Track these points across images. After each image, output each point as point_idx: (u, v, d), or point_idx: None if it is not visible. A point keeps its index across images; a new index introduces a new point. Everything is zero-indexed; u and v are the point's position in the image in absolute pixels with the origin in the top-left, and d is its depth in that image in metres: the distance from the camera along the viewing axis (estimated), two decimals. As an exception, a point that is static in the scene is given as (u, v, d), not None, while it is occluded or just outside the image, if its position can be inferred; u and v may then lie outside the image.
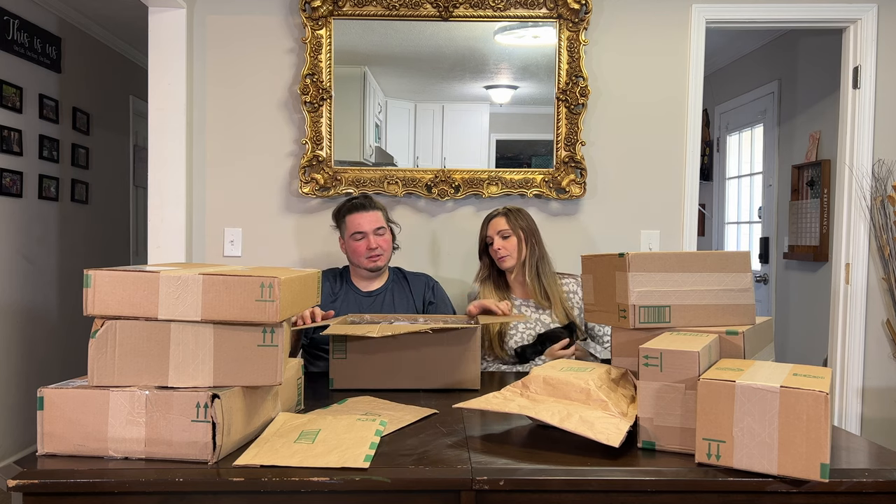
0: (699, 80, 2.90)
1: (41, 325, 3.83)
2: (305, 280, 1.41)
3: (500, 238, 2.40)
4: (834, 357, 2.97)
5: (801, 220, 3.85)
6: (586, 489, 1.20)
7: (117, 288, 1.22)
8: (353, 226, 2.35)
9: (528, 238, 2.40)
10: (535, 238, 2.42)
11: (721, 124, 4.93)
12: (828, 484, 1.15)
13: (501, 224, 2.40)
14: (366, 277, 2.42)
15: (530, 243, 2.40)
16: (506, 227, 2.39)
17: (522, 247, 2.39)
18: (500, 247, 2.38)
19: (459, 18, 2.82)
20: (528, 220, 2.44)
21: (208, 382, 1.23)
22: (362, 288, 2.42)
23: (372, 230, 2.34)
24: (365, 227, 2.34)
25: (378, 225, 2.35)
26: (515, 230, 2.39)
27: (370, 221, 2.34)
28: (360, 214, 2.35)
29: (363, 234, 2.33)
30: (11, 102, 3.53)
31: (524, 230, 2.40)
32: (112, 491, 1.16)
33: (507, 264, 2.39)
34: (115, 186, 4.73)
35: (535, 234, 2.43)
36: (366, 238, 2.33)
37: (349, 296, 2.39)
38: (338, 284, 2.41)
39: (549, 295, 2.36)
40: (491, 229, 2.42)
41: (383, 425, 1.37)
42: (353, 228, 2.35)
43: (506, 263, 2.39)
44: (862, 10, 2.86)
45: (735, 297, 1.49)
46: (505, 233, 2.39)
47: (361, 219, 2.34)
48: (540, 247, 2.42)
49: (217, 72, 2.88)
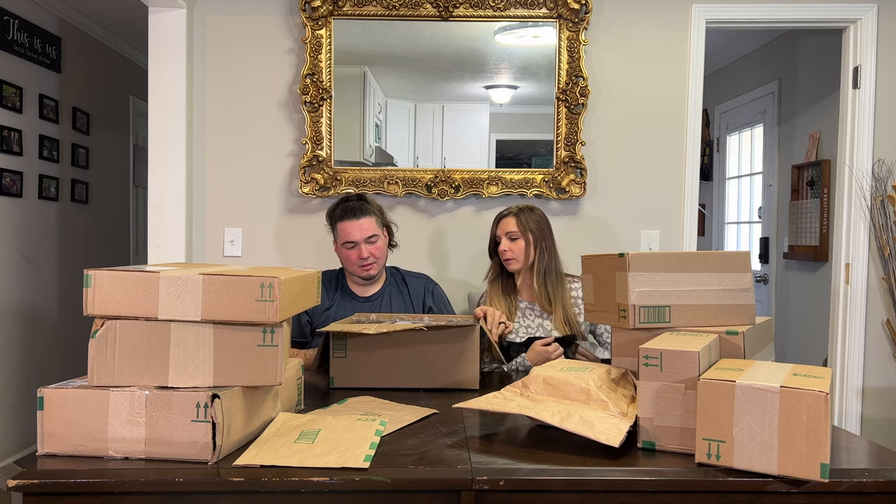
0: (699, 80, 2.90)
1: (41, 325, 3.83)
2: (305, 280, 1.41)
3: (507, 239, 2.32)
4: (834, 357, 2.97)
5: (801, 220, 3.85)
6: (586, 489, 1.20)
7: (117, 288, 1.22)
8: (344, 234, 2.26)
9: (537, 242, 2.31)
10: (546, 242, 2.33)
11: (721, 124, 4.93)
12: (828, 484, 1.15)
13: (511, 225, 2.32)
14: (361, 283, 2.35)
15: (539, 247, 2.31)
16: (515, 229, 2.31)
17: (530, 250, 2.30)
18: (507, 249, 2.31)
19: (459, 18, 2.82)
20: (539, 221, 2.34)
21: (208, 382, 1.23)
22: (359, 293, 2.35)
23: (363, 239, 2.24)
24: (355, 237, 2.24)
25: (370, 233, 2.25)
26: (525, 233, 2.30)
27: (361, 230, 2.24)
28: (351, 223, 2.24)
29: (354, 243, 2.25)
30: (11, 102, 3.53)
31: (534, 233, 2.31)
32: (112, 491, 1.16)
33: (513, 267, 2.33)
34: (115, 186, 4.73)
35: (546, 238, 2.33)
36: (357, 248, 2.24)
37: (345, 302, 2.33)
38: (333, 290, 2.35)
39: (552, 301, 2.29)
40: (500, 229, 2.35)
41: (383, 425, 1.37)
42: (344, 237, 2.26)
43: (512, 266, 2.32)
44: (862, 10, 2.86)
45: (735, 297, 1.49)
46: (513, 234, 2.31)
47: (352, 227, 2.24)
48: (550, 251, 2.33)
49: (217, 72, 2.88)
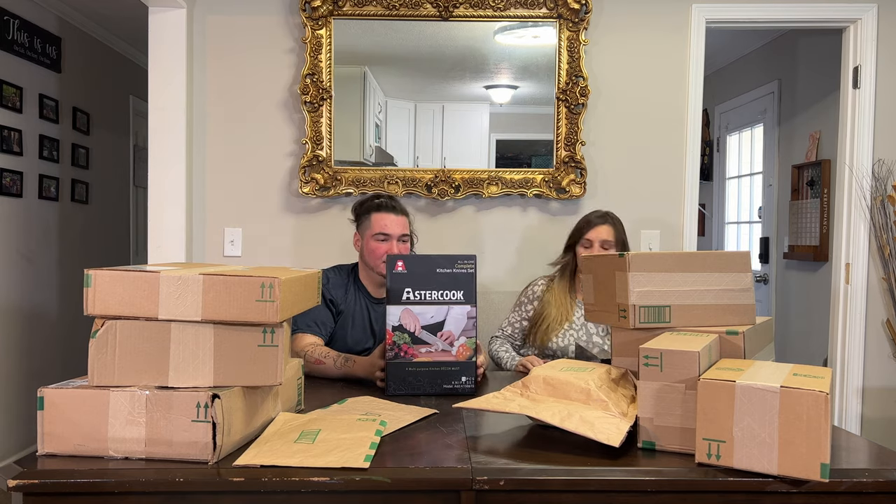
0: (699, 80, 2.90)
1: (41, 325, 3.83)
2: (306, 280, 1.41)
3: (600, 247, 2.32)
4: (834, 357, 2.97)
5: (801, 220, 3.85)
6: (586, 489, 1.20)
7: (117, 288, 1.22)
8: (379, 226, 2.16)
9: (619, 251, 2.31)
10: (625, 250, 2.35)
11: (721, 124, 4.93)
12: (828, 484, 1.15)
13: (609, 234, 2.33)
14: (379, 283, 2.21)
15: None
16: (611, 239, 2.33)
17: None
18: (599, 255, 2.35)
19: (459, 18, 2.82)
20: (624, 232, 2.38)
21: (208, 382, 1.23)
22: (374, 294, 2.23)
23: (398, 235, 2.17)
24: (391, 230, 2.16)
25: (404, 231, 2.19)
26: (616, 244, 2.34)
27: (398, 225, 2.17)
28: (388, 216, 2.18)
29: (387, 236, 2.16)
30: (11, 102, 3.53)
31: (623, 244, 2.35)
32: (112, 491, 1.16)
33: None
34: (115, 186, 4.73)
35: (626, 248, 2.38)
36: (389, 242, 2.16)
37: (359, 304, 2.21)
38: (344, 289, 2.22)
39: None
40: (595, 234, 2.34)
41: (383, 425, 1.37)
42: (378, 228, 2.16)
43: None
44: (862, 10, 2.86)
45: (735, 297, 1.49)
46: (607, 244, 2.32)
47: (389, 220, 2.17)
48: None
49: (217, 72, 2.88)
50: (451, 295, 1.76)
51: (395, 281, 1.75)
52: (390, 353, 1.74)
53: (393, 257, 1.77)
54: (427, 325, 1.76)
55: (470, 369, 1.76)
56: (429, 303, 1.76)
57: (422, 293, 1.76)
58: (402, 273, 1.75)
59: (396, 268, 1.75)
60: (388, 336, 1.74)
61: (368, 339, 2.20)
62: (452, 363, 1.76)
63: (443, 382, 1.75)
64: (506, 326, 2.44)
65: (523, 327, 2.41)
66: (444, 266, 1.77)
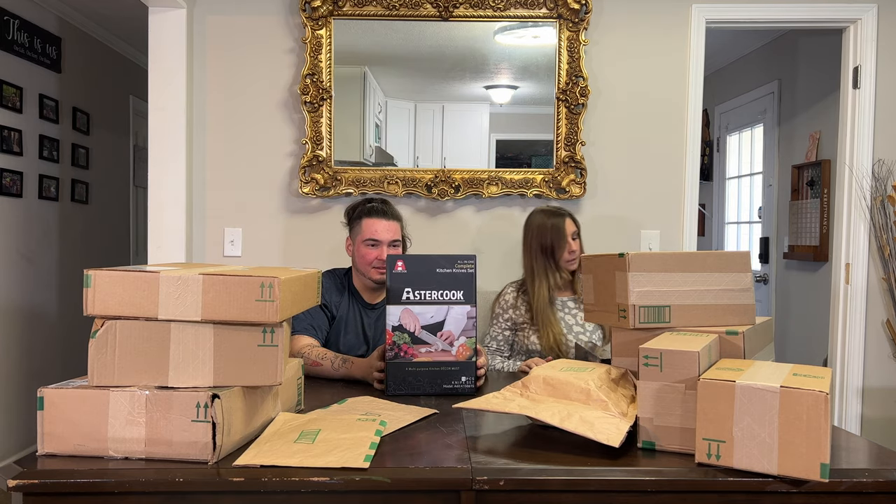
0: (699, 80, 2.90)
1: (41, 325, 3.83)
2: (305, 280, 1.41)
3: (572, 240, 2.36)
4: (834, 357, 2.97)
5: (801, 220, 3.85)
6: (586, 489, 1.20)
7: (117, 288, 1.22)
8: (369, 231, 2.16)
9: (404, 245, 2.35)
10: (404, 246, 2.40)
11: (721, 124, 4.93)
12: (828, 484, 1.15)
13: (573, 225, 2.39)
14: (371, 288, 2.21)
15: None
16: (576, 229, 2.39)
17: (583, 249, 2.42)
18: (576, 249, 2.37)
19: (459, 18, 2.82)
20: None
21: (208, 382, 1.23)
22: (367, 299, 2.22)
23: (388, 241, 2.16)
24: (381, 236, 2.15)
25: (395, 237, 2.18)
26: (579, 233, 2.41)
27: (388, 231, 2.16)
28: (379, 221, 2.16)
29: (377, 242, 2.15)
30: (11, 102, 3.53)
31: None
32: (112, 491, 1.16)
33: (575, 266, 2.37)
34: (115, 186, 4.73)
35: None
36: (379, 248, 2.15)
37: (352, 310, 2.20)
38: (339, 294, 2.21)
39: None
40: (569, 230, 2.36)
41: (383, 425, 1.36)
42: (368, 234, 2.16)
43: (573, 266, 2.37)
44: (862, 10, 2.86)
45: (735, 297, 1.49)
46: (574, 235, 2.38)
47: (379, 226, 2.16)
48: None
49: (217, 71, 2.88)
50: (451, 295, 1.76)
51: (394, 281, 1.75)
52: (390, 352, 1.74)
53: (393, 257, 1.77)
54: (427, 325, 1.76)
55: (470, 369, 1.76)
56: (429, 303, 1.76)
57: (422, 293, 1.75)
58: (402, 273, 1.75)
59: (396, 267, 1.75)
60: (387, 336, 1.75)
61: (362, 346, 2.19)
62: (452, 363, 1.76)
63: (443, 382, 1.75)
64: (489, 342, 2.39)
65: (506, 337, 2.39)
66: (444, 266, 1.77)
